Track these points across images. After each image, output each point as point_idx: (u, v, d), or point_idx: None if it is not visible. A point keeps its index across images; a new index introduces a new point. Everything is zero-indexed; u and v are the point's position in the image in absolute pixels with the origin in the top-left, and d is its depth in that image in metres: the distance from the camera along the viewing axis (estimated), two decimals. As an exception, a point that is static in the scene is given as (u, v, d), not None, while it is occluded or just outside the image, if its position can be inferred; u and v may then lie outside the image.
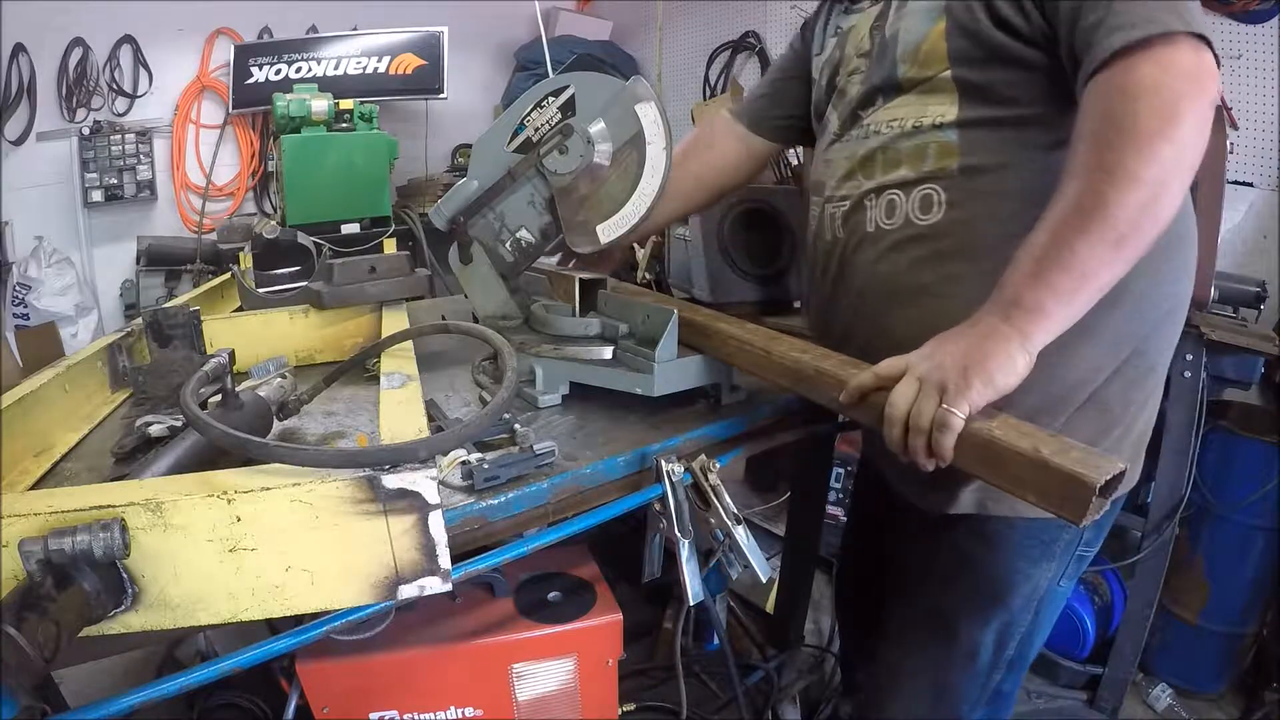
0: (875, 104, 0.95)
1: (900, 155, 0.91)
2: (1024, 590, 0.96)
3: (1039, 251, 0.72)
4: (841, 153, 1.00)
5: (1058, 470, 0.61)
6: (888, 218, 0.92)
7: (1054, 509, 0.63)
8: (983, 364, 0.70)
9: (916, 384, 0.72)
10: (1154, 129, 0.68)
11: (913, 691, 1.06)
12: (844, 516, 2.24)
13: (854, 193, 0.97)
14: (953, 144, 0.86)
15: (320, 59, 3.32)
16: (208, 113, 3.42)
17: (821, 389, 0.85)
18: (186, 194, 3.40)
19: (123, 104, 3.25)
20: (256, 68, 3.27)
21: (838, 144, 1.02)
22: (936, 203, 0.88)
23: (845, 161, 0.99)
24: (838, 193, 1.00)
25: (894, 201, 0.91)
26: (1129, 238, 0.69)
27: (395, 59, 3.39)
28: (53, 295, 3.02)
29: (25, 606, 0.51)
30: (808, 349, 0.92)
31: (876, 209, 0.93)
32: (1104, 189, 0.69)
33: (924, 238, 0.89)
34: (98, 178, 3.17)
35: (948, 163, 0.87)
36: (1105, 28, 0.71)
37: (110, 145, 3.17)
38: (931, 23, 0.86)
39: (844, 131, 1.01)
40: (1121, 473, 0.61)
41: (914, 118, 0.89)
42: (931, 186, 0.88)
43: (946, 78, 0.86)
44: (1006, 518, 0.92)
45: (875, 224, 0.94)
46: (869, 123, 0.96)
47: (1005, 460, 0.66)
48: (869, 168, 0.95)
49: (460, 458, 0.86)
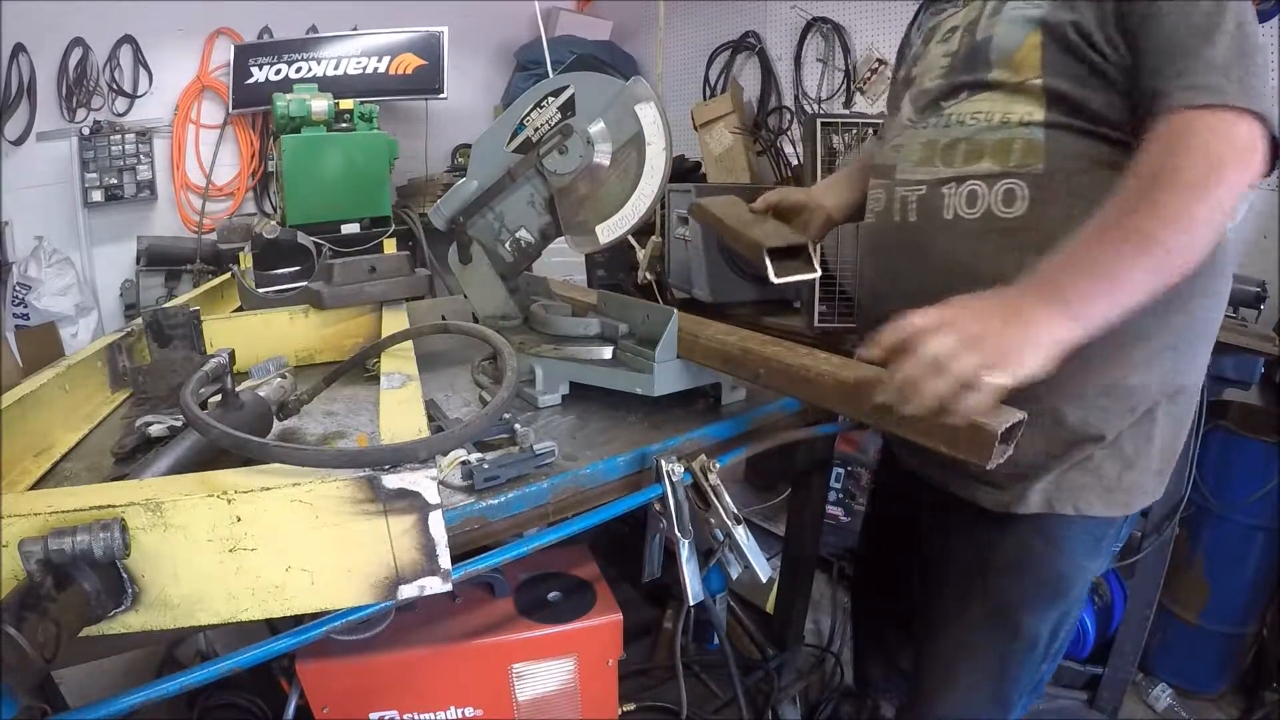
0: (959, 97, 0.97)
1: (984, 148, 0.93)
2: (1081, 584, 1.02)
3: (1092, 251, 0.76)
4: (917, 139, 1.02)
5: (962, 421, 0.69)
6: (969, 207, 0.94)
7: (962, 454, 0.70)
8: (1029, 342, 0.72)
9: (955, 339, 0.72)
10: (1197, 182, 0.74)
11: (970, 684, 1.09)
12: (844, 516, 2.24)
13: (931, 179, 0.98)
14: (1039, 143, 0.89)
15: (320, 59, 3.31)
16: (208, 113, 3.41)
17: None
18: (186, 194, 3.40)
19: (123, 104, 3.24)
20: (256, 68, 3.27)
21: (912, 130, 1.03)
22: (1020, 197, 0.90)
23: (921, 148, 1.01)
24: (911, 177, 1.02)
25: (976, 192, 0.94)
26: (1165, 262, 0.76)
27: (395, 59, 3.39)
28: (53, 295, 3.02)
29: (25, 606, 0.51)
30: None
31: (956, 197, 0.95)
32: (1145, 222, 0.75)
33: (1007, 230, 0.91)
34: (98, 178, 3.16)
35: (1032, 160, 0.89)
36: (1184, 82, 0.78)
37: (110, 145, 3.17)
38: (1026, 32, 0.90)
39: (921, 119, 1.02)
40: (1020, 422, 0.68)
41: (1000, 113, 0.92)
42: (1015, 181, 0.90)
43: (1037, 84, 0.89)
44: (1067, 516, 0.96)
45: (954, 212, 0.95)
46: (951, 113, 0.98)
47: (917, 418, 0.72)
48: (949, 156, 0.97)
49: (460, 458, 0.86)
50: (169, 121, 3.34)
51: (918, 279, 1.00)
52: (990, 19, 0.95)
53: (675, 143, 1.18)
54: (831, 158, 1.76)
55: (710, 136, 3.07)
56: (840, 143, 1.77)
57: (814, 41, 3.03)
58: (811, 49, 3.04)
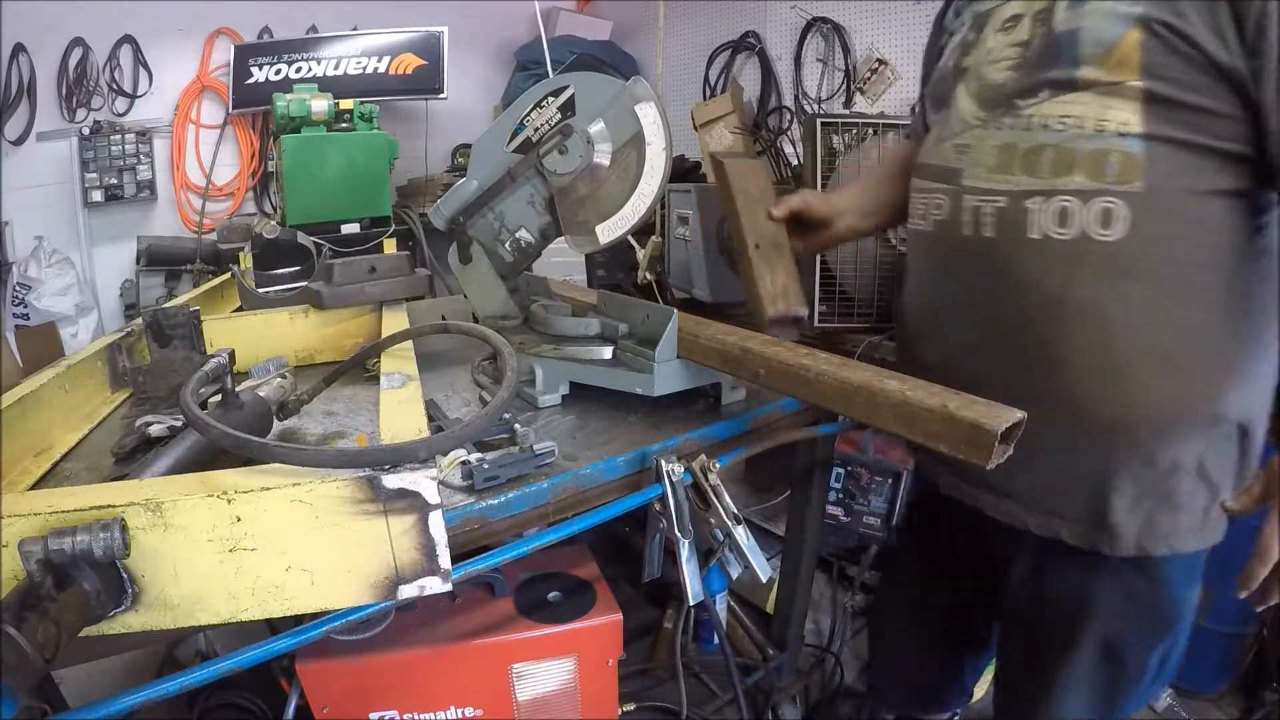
0: (1039, 96, 0.86)
1: (1075, 158, 0.83)
2: (1187, 613, 0.99)
3: None
4: (989, 140, 0.91)
5: (963, 421, 0.69)
6: (1060, 226, 0.85)
7: (963, 455, 0.70)
8: None
9: None
10: None
11: (1075, 714, 1.05)
12: (844, 516, 2.23)
13: (1012, 189, 0.88)
14: (1138, 157, 0.80)
15: (320, 59, 3.31)
16: (208, 113, 3.41)
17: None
18: (186, 194, 3.40)
19: (123, 104, 3.24)
20: (256, 68, 3.27)
21: (982, 130, 0.93)
22: (1119, 218, 0.82)
23: (997, 152, 0.90)
24: (986, 185, 0.91)
25: (1067, 209, 0.84)
26: None
27: (395, 59, 3.39)
28: (53, 295, 3.02)
29: (25, 606, 0.51)
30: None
31: (1044, 214, 0.85)
32: None
33: (1106, 255, 0.83)
34: (98, 178, 3.16)
35: (1131, 177, 0.81)
36: None
37: (110, 145, 3.17)
38: (1124, 28, 0.80)
39: (992, 118, 0.92)
40: (1020, 421, 0.67)
41: (1094, 119, 0.82)
42: (1111, 199, 0.82)
43: (1135, 87, 0.79)
44: (1164, 554, 0.92)
45: (1042, 230, 0.86)
46: (1031, 114, 0.87)
47: (918, 418, 0.73)
48: (1033, 165, 0.86)
49: (460, 458, 0.86)
50: (169, 121, 3.34)
51: (991, 302, 0.92)
52: (1072, 9, 0.84)
53: (675, 143, 1.18)
54: (831, 158, 1.76)
55: (710, 136, 3.07)
56: (840, 143, 1.77)
57: (814, 41, 3.03)
58: (811, 49, 3.05)
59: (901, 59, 2.76)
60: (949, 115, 0.99)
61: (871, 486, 2.17)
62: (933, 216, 1.00)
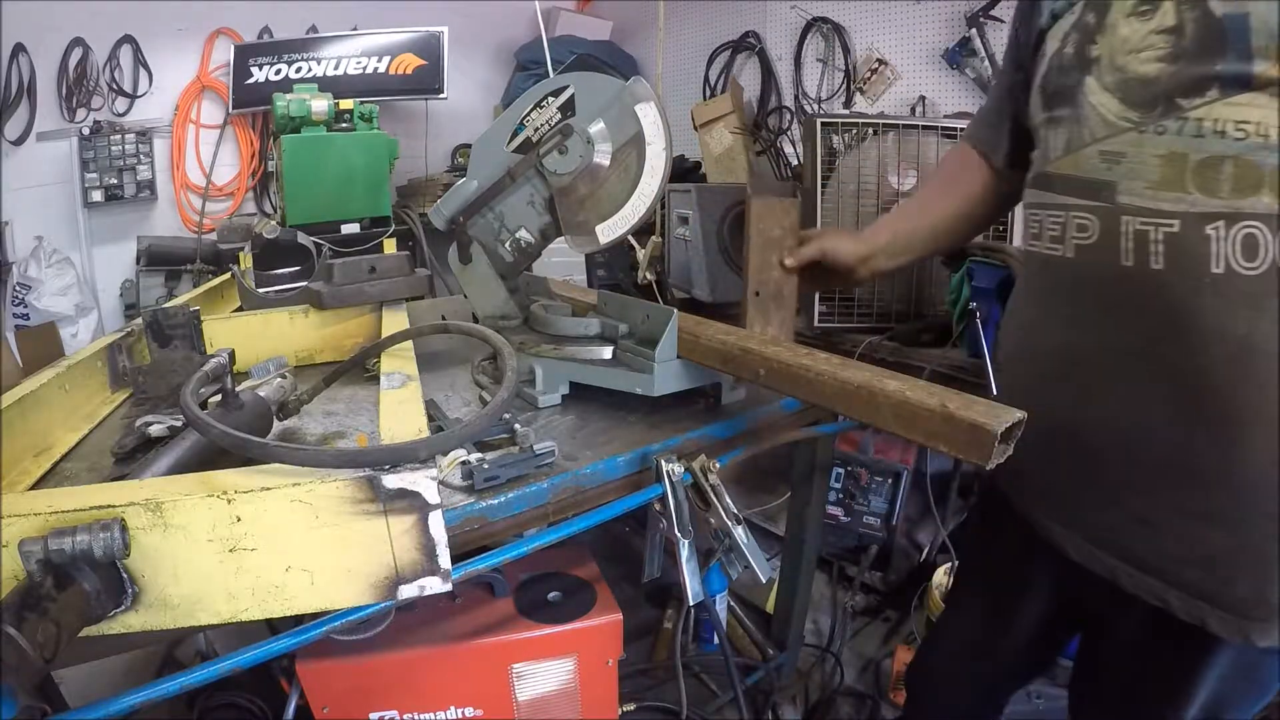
0: (1206, 94, 0.71)
1: (1260, 174, 0.68)
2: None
3: None
4: (1150, 149, 0.74)
5: (963, 422, 0.69)
6: (1248, 260, 0.69)
7: (963, 455, 0.69)
8: None
9: None
10: None
11: None
12: (844, 516, 2.23)
13: (1186, 211, 0.72)
14: None
15: (320, 59, 3.32)
16: (208, 113, 3.41)
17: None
18: (186, 194, 3.40)
19: (123, 104, 3.24)
20: (256, 68, 3.27)
21: (1136, 135, 0.76)
22: None
23: (1162, 164, 0.73)
24: (1152, 205, 0.74)
25: (1255, 237, 0.69)
26: None
27: (395, 59, 3.39)
28: (53, 295, 3.02)
29: (25, 606, 0.51)
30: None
31: (1229, 243, 0.70)
32: None
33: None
34: (98, 178, 3.16)
35: None
36: None
37: (110, 145, 3.17)
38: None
39: (1148, 119, 0.75)
40: (1020, 421, 0.66)
41: (1277, 127, 0.68)
42: None
43: None
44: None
45: (1227, 263, 0.70)
46: (1199, 117, 0.71)
47: (918, 418, 0.73)
48: (1209, 180, 0.71)
49: (460, 458, 0.86)
50: (169, 121, 3.34)
51: (1158, 350, 0.76)
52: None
53: (675, 143, 1.18)
54: (831, 158, 1.76)
55: (710, 136, 3.07)
56: (840, 143, 1.77)
57: (814, 41, 3.03)
58: (811, 49, 3.05)
59: (901, 59, 2.76)
60: (1079, 114, 0.83)
61: (871, 486, 2.17)
62: (1074, 240, 0.83)
